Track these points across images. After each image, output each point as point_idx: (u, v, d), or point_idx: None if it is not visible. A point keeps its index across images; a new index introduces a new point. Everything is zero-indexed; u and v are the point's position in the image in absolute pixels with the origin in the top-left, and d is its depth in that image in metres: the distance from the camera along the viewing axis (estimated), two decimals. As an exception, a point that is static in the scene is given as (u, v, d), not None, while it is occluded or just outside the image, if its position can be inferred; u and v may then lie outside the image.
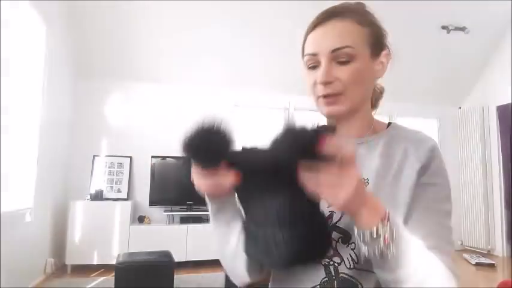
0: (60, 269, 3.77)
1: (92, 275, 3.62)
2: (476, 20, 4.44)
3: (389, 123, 0.82)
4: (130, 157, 4.38)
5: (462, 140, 5.32)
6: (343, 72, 0.70)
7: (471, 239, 5.07)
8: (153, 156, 4.33)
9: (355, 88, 0.72)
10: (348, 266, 0.70)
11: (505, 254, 4.75)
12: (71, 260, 3.73)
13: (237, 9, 3.93)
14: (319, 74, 0.71)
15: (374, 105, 0.85)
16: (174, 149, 4.00)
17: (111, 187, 4.21)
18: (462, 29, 4.48)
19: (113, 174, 4.26)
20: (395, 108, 5.24)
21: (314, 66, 0.74)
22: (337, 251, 0.72)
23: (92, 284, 3.33)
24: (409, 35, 4.45)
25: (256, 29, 4.15)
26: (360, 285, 0.70)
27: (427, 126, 5.40)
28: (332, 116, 0.76)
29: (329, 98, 0.72)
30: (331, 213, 0.73)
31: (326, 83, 0.71)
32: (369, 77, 0.75)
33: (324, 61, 0.71)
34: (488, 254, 4.81)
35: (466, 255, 4.58)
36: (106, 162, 4.28)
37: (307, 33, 0.76)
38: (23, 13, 2.75)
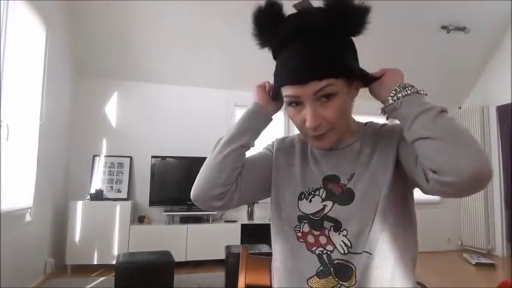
0: (60, 269, 3.77)
1: (92, 275, 3.62)
2: (476, 20, 4.44)
3: (366, 123, 0.90)
4: (131, 157, 4.38)
5: (462, 140, 5.32)
6: (328, 111, 0.73)
7: (471, 239, 5.07)
8: (153, 156, 4.33)
9: (341, 121, 0.77)
10: (342, 252, 0.77)
11: (505, 254, 4.75)
12: (71, 260, 3.73)
13: (237, 9, 3.93)
14: (307, 118, 0.73)
15: None
16: (174, 149, 4.02)
17: (111, 187, 4.21)
18: (462, 29, 4.48)
19: (113, 174, 4.26)
20: (395, 108, 5.24)
21: (297, 104, 0.75)
22: (330, 238, 0.79)
23: (92, 284, 3.32)
24: (409, 35, 4.45)
25: (256, 29, 4.14)
26: (352, 266, 0.76)
27: (427, 126, 5.41)
28: (323, 149, 0.83)
29: (318, 135, 0.77)
30: (324, 206, 0.81)
31: (315, 127, 0.74)
32: (349, 103, 0.80)
33: (308, 105, 0.73)
34: (488, 254, 4.81)
35: (466, 255, 4.58)
36: (106, 162, 4.28)
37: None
38: (23, 13, 2.75)
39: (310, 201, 0.82)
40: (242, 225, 4.21)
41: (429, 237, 5.01)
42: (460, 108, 5.43)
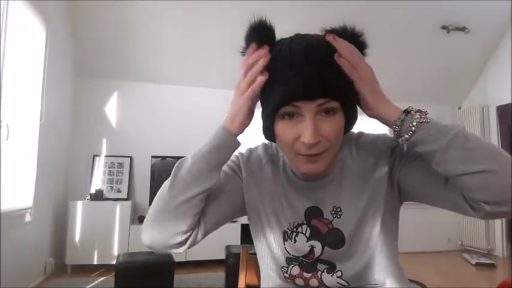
0: (60, 269, 3.77)
1: (92, 275, 3.62)
2: (476, 20, 4.44)
3: None
4: (131, 157, 4.38)
5: (462, 140, 5.32)
6: (329, 127, 0.65)
7: (471, 239, 5.07)
8: (153, 156, 4.33)
9: (337, 142, 0.68)
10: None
11: (505, 254, 4.75)
12: (71, 260, 3.72)
13: (237, 9, 3.93)
14: (306, 133, 0.63)
15: None
16: (174, 149, 4.02)
17: (111, 187, 4.21)
18: (462, 29, 4.48)
19: (113, 174, 4.26)
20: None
21: (290, 116, 0.66)
22: (323, 281, 0.75)
23: (92, 284, 3.32)
24: (409, 35, 4.45)
25: (256, 29, 4.14)
26: None
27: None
28: (313, 174, 0.70)
29: (312, 156, 0.66)
30: (312, 248, 0.75)
31: (314, 144, 0.64)
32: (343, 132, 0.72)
33: (309, 118, 0.63)
34: (488, 254, 4.81)
35: (466, 255, 4.58)
36: (106, 162, 4.28)
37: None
38: (23, 13, 2.75)
39: (295, 241, 0.75)
40: (242, 225, 4.21)
41: (429, 237, 5.01)
42: (460, 108, 5.43)
